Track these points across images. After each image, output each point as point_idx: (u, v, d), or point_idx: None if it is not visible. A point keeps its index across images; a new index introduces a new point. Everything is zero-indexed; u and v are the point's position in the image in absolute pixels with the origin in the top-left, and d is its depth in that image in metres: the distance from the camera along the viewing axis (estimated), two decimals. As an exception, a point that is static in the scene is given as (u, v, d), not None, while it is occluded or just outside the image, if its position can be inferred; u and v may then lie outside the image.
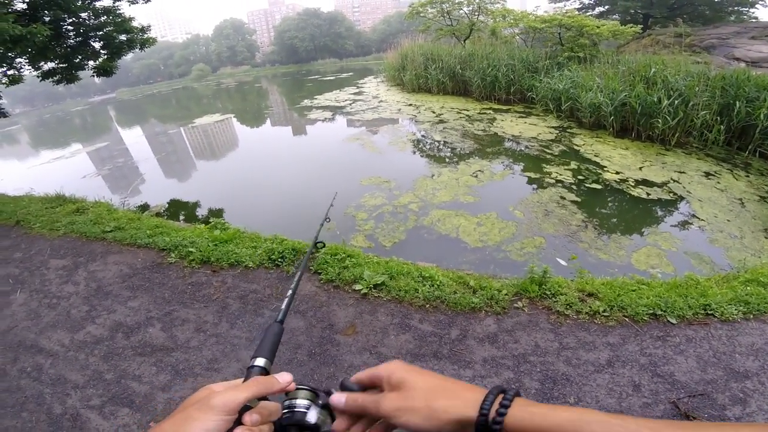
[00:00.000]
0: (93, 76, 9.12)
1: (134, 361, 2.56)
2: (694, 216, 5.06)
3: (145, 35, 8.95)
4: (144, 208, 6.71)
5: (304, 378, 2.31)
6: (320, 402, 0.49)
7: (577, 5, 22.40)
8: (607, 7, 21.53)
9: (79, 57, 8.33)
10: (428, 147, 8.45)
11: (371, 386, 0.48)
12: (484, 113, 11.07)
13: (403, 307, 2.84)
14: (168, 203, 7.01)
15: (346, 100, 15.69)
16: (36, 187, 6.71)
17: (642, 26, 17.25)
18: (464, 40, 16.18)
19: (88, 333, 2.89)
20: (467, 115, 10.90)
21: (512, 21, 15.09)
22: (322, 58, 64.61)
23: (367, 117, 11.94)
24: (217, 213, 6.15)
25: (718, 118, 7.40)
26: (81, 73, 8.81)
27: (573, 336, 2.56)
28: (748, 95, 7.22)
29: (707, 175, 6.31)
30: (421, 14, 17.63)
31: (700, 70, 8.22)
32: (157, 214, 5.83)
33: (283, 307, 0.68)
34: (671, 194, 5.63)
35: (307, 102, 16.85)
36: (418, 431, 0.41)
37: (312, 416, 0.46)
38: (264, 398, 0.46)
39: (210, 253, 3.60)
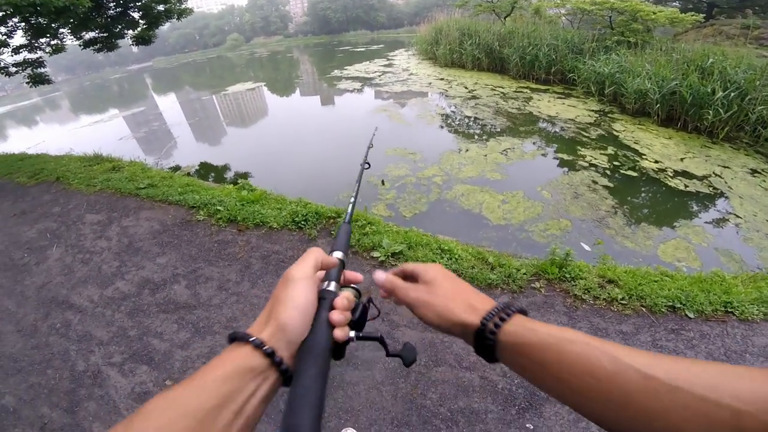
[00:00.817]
0: (132, 44, 9.40)
1: (158, 318, 2.64)
2: (731, 213, 4.77)
3: (182, 5, 9.10)
4: (176, 169, 6.97)
5: None
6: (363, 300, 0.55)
7: None
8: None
9: (119, 26, 8.62)
10: (458, 122, 8.24)
11: (410, 278, 0.54)
12: (521, 92, 10.62)
13: None
14: (198, 165, 7.24)
15: (375, 72, 15.38)
16: (75, 148, 7.07)
17: (705, 15, 15.82)
18: (504, 18, 15.44)
19: (117, 289, 3.00)
20: (502, 93, 10.50)
21: (559, 1, 14.20)
22: (353, 29, 63.32)
23: (396, 89, 11.70)
24: (244, 176, 6.31)
25: (773, 114, 6.84)
26: (120, 42, 9.08)
27: (587, 321, 2.53)
28: None
29: (753, 172, 5.88)
30: None
31: (765, 64, 7.54)
32: (188, 174, 6.05)
33: (349, 210, 0.77)
34: (711, 188, 5.30)
35: (336, 72, 16.65)
36: (429, 324, 0.46)
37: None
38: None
39: (237, 212, 3.69)
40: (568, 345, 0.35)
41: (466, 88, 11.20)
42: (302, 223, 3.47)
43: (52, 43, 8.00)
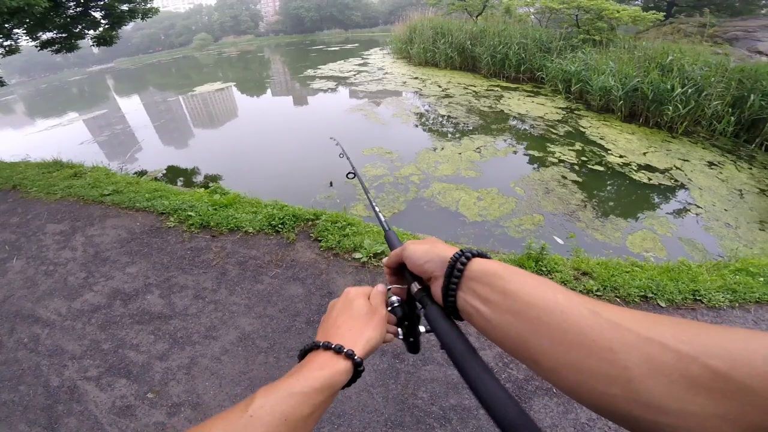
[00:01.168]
0: (93, 45, 8.94)
1: (132, 330, 2.53)
2: (692, 204, 5.05)
3: (147, 5, 8.72)
4: (142, 173, 6.67)
5: (302, 345, 2.35)
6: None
7: None
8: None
9: (79, 27, 8.17)
10: (432, 121, 8.32)
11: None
12: (492, 90, 10.84)
13: None
14: (166, 169, 6.96)
15: (350, 71, 15.31)
16: (32, 154, 6.64)
17: (665, 14, 16.67)
18: (476, 16, 15.72)
19: (86, 301, 2.84)
20: (474, 91, 10.69)
21: (529, 0, 14.59)
22: (327, 28, 62.80)
23: (372, 88, 11.70)
24: (215, 179, 6.11)
25: (730, 109, 7.30)
26: (80, 43, 8.61)
27: None
28: (765, 89, 7.11)
29: (710, 164, 6.25)
30: None
31: (719, 61, 8.02)
32: (155, 179, 5.81)
33: (380, 218, 0.79)
34: (672, 181, 5.60)
35: (310, 72, 16.46)
36: (414, 264, 0.48)
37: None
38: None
39: (209, 217, 3.56)
40: (528, 278, 0.36)
41: (439, 86, 11.33)
42: (279, 226, 3.39)
43: (6, 44, 7.49)
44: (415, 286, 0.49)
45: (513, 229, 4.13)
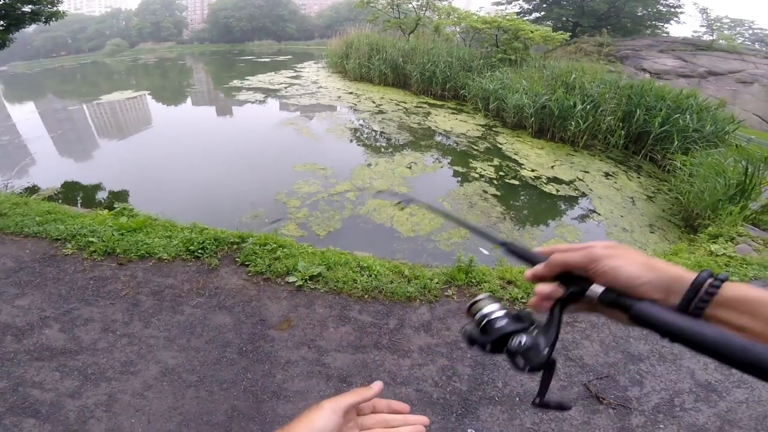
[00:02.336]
0: None
1: (31, 367, 2.24)
2: (593, 211, 5.81)
3: (54, 8, 7.60)
4: (33, 191, 5.75)
5: (236, 377, 2.20)
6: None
7: (516, 9, 24.01)
8: (542, 13, 23.35)
9: None
10: (367, 136, 8.47)
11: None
12: (421, 107, 11.39)
13: (341, 299, 2.83)
14: (62, 186, 6.08)
15: (281, 84, 14.96)
16: None
17: (571, 34, 18.96)
18: (409, 34, 16.30)
19: None
20: (405, 108, 11.13)
21: (456, 19, 15.59)
22: (258, 39, 60.76)
23: (304, 102, 11.56)
24: (123, 197, 5.48)
25: (621, 123, 8.46)
26: None
27: None
28: (648, 104, 8.38)
29: (607, 175, 7.26)
30: (372, 4, 17.41)
31: (613, 79, 9.29)
32: (49, 198, 5.04)
33: (487, 236, 0.60)
34: (576, 191, 6.39)
35: (236, 82, 15.68)
36: (624, 280, 0.39)
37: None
38: None
39: (115, 243, 3.21)
40: None
41: (373, 102, 11.61)
42: (199, 251, 3.16)
43: None
44: (598, 287, 0.41)
45: (443, 242, 4.36)
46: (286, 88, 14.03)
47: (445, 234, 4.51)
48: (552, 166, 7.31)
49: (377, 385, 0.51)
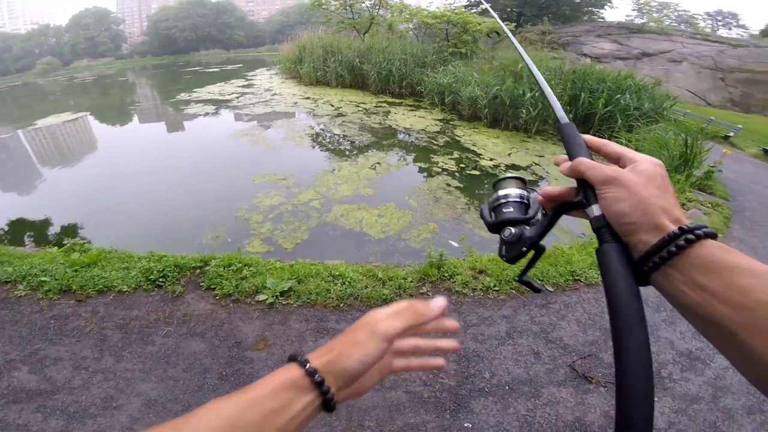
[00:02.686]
0: None
1: (10, 410, 2.15)
2: (552, 193, 6.08)
3: None
4: (-33, 234, 5.25)
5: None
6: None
7: (464, 2, 24.57)
8: (489, 4, 24.03)
9: None
10: (327, 141, 8.39)
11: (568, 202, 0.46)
12: (380, 106, 11.43)
13: (316, 311, 2.81)
14: (7, 225, 5.59)
15: (232, 93, 14.46)
16: None
17: (515, 24, 19.65)
18: (364, 34, 16.26)
19: None
20: (365, 109, 11.12)
21: (408, 16, 15.75)
22: (205, 48, 58.34)
23: (259, 111, 11.25)
24: (73, 232, 5.10)
25: (568, 107, 8.92)
26: None
27: (474, 313, 2.86)
28: (591, 87, 8.88)
29: (559, 157, 7.63)
30: (323, 6, 17.19)
31: (557, 65, 9.76)
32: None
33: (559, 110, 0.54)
34: (535, 175, 6.67)
35: (184, 96, 14.95)
36: (614, 213, 0.40)
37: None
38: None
39: (70, 280, 3.06)
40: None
41: (332, 105, 11.51)
42: (160, 280, 3.05)
43: None
44: (596, 210, 0.41)
45: (413, 240, 4.42)
46: (238, 97, 13.60)
47: (414, 231, 4.58)
48: (509, 154, 7.59)
49: (439, 304, 0.47)
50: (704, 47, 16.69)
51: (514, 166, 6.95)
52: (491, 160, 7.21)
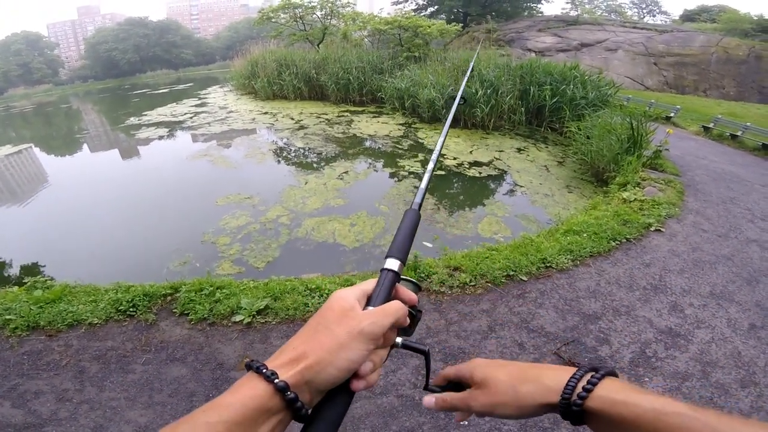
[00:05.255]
0: None
1: None
2: (516, 184, 6.32)
3: None
4: None
5: None
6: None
7: (413, 6, 25.12)
8: (436, 7, 24.75)
9: None
10: (292, 155, 8.27)
11: (456, 382, 0.51)
12: (342, 116, 11.43)
13: (296, 326, 2.76)
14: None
15: (185, 114, 13.94)
16: None
17: (462, 24, 20.30)
18: (318, 45, 16.18)
19: None
20: (327, 119, 11.08)
21: (361, 24, 15.84)
22: (151, 69, 55.89)
23: (215, 130, 10.89)
24: (34, 270, 4.72)
25: (520, 102, 9.30)
26: None
27: (454, 311, 2.90)
28: (539, 81, 9.30)
29: (519, 150, 7.95)
30: (273, 20, 16.96)
31: (504, 62, 10.15)
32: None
33: (421, 187, 0.59)
34: (497, 170, 6.90)
35: (134, 120, 14.20)
36: (514, 418, 0.45)
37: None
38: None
39: (36, 316, 2.95)
40: (664, 417, 0.34)
41: (292, 119, 11.36)
42: (131, 310, 2.95)
43: None
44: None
45: (388, 245, 4.39)
46: (192, 118, 13.12)
47: (388, 237, 4.58)
48: (471, 152, 7.81)
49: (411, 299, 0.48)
50: (635, 35, 18.03)
51: (477, 163, 7.16)
52: (455, 159, 7.39)
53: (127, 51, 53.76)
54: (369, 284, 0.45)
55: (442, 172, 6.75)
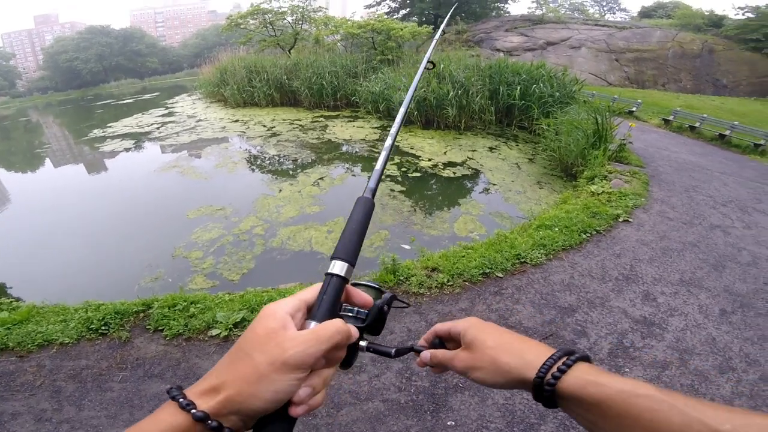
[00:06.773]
0: None
1: None
2: (489, 183, 6.44)
3: None
4: None
5: None
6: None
7: (386, 9, 25.23)
8: (408, 9, 24.97)
9: None
10: (265, 163, 8.11)
11: (448, 339, 0.53)
12: (317, 121, 11.32)
13: None
14: None
15: (152, 125, 13.44)
16: None
17: (434, 26, 20.54)
18: (289, 50, 15.93)
19: None
20: (300, 125, 10.94)
21: (333, 28, 15.75)
22: (116, 79, 53.65)
23: (184, 140, 10.55)
24: None
25: (490, 101, 9.48)
26: None
27: (434, 311, 2.92)
28: (508, 80, 9.50)
29: (491, 149, 8.10)
30: (242, 26, 16.65)
31: (474, 63, 10.30)
32: None
33: (374, 171, 0.53)
34: (470, 169, 7.01)
35: (98, 132, 13.61)
36: (487, 386, 0.46)
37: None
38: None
39: (4, 338, 2.87)
40: (633, 399, 0.34)
41: (264, 126, 11.17)
42: (103, 328, 2.87)
43: None
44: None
45: (367, 250, 4.41)
46: (158, 128, 12.67)
47: (367, 241, 4.55)
48: (444, 152, 7.91)
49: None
50: (596, 32, 18.77)
51: (451, 164, 7.25)
52: (429, 160, 7.46)
53: (89, 60, 51.49)
54: (310, 292, 0.41)
55: (418, 174, 6.80)
